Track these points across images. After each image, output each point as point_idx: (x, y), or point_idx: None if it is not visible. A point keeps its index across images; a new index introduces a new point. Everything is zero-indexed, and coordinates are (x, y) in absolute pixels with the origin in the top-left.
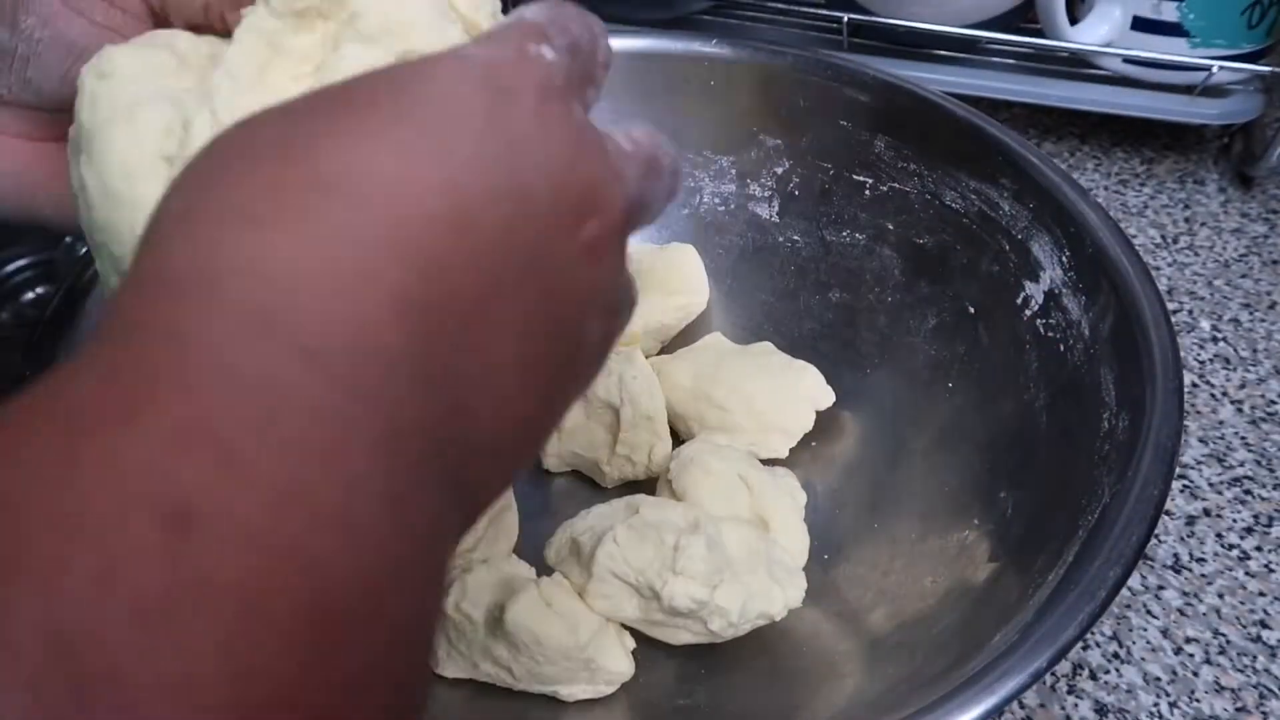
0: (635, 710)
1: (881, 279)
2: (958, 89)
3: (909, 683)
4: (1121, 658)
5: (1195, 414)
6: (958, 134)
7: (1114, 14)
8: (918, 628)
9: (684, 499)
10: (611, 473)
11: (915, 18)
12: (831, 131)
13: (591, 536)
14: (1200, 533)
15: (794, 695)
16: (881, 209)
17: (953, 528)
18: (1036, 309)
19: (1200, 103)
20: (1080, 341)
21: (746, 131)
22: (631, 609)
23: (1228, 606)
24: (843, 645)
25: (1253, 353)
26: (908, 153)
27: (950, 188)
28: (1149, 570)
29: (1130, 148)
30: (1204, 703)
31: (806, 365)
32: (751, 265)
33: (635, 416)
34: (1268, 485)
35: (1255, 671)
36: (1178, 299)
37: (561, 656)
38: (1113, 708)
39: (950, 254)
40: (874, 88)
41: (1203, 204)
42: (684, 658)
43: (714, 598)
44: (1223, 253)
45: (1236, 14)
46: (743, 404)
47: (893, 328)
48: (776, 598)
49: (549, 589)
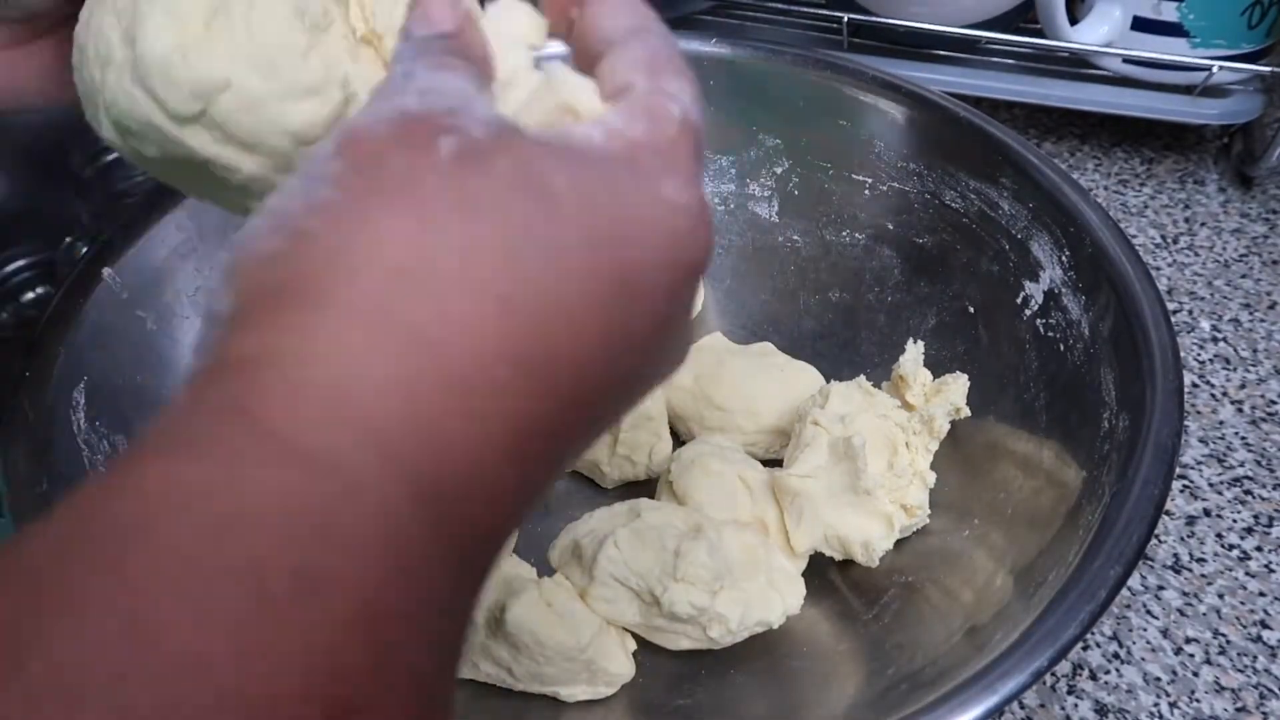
0: (635, 710)
1: (881, 279)
2: (958, 89)
3: (909, 682)
4: (1121, 658)
5: (1195, 414)
6: (957, 134)
7: (1114, 14)
8: (918, 628)
9: (685, 501)
10: (611, 473)
11: (915, 18)
12: (831, 131)
13: (593, 540)
14: (1200, 533)
15: (794, 696)
16: (881, 209)
17: (952, 527)
18: (1036, 309)
19: (1200, 103)
20: (1080, 341)
21: (746, 131)
22: (632, 613)
23: (1228, 606)
24: (843, 645)
25: (1253, 353)
26: (907, 152)
27: (950, 187)
28: (1149, 570)
29: (1130, 148)
30: (1204, 703)
31: (806, 365)
32: (751, 265)
33: (635, 416)
34: (1268, 485)
35: (1255, 671)
36: (1178, 299)
37: (562, 657)
38: (1113, 708)
39: (950, 254)
40: (873, 87)
41: (1203, 204)
42: (684, 658)
43: (714, 604)
44: (1223, 253)
45: (1236, 14)
46: (743, 404)
47: (892, 327)
48: (776, 605)
49: (550, 590)
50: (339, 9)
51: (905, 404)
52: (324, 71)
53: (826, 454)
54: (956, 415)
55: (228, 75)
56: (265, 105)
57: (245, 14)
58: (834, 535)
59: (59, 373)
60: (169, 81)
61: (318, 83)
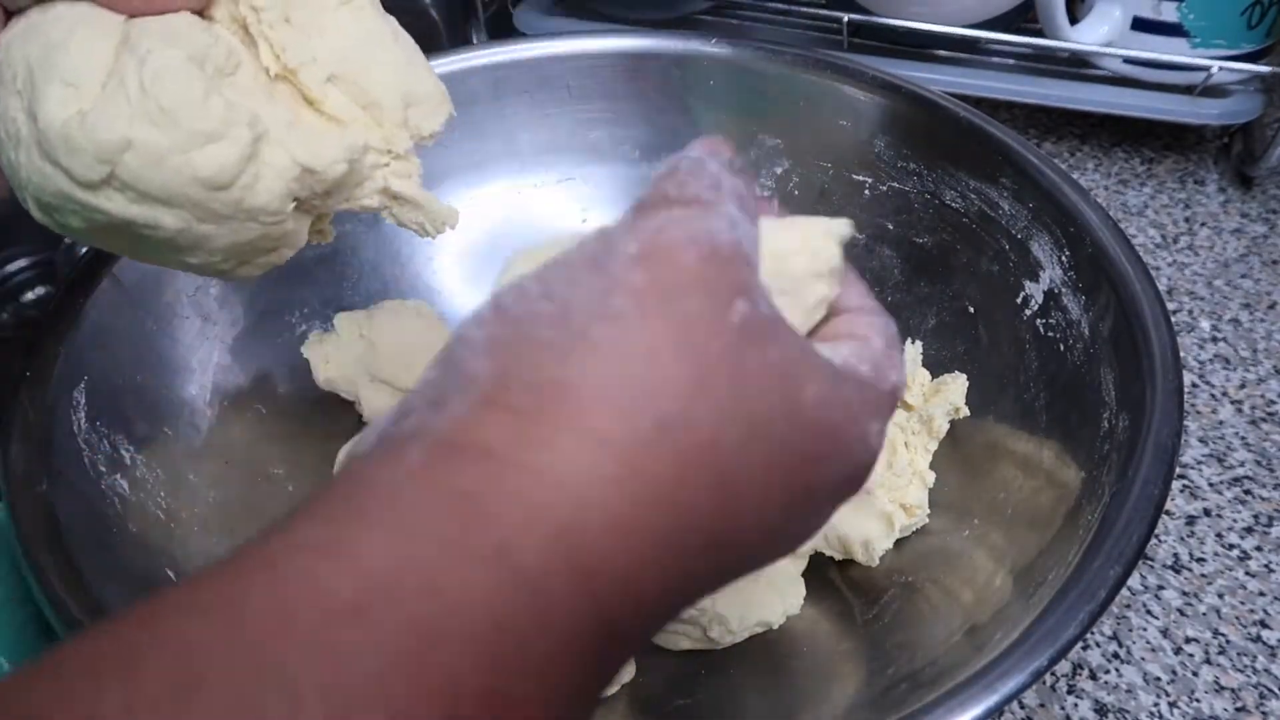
0: (635, 710)
1: (881, 278)
2: (958, 89)
3: (909, 682)
4: (1121, 658)
5: (1195, 414)
6: (957, 133)
7: (1114, 14)
8: (918, 627)
9: None
10: None
11: (915, 18)
12: (831, 131)
13: None
14: (1200, 533)
15: (794, 695)
16: (881, 208)
17: (952, 527)
18: (1036, 308)
19: (1200, 103)
20: (1080, 341)
21: (746, 131)
22: None
23: (1228, 606)
24: (843, 645)
25: (1253, 353)
26: (907, 152)
27: (950, 187)
28: (1149, 570)
29: (1130, 148)
30: (1204, 703)
31: None
32: None
33: None
34: (1268, 485)
35: (1255, 671)
36: (1178, 299)
37: None
38: (1113, 708)
39: (950, 253)
40: (873, 87)
41: (1203, 204)
42: (684, 658)
43: (714, 605)
44: (1223, 253)
45: (1236, 14)
46: None
47: None
48: (776, 606)
49: None
50: (248, 51)
51: (904, 404)
52: (226, 114)
53: None
54: (955, 415)
55: (127, 135)
56: (170, 157)
57: (138, 71)
58: (834, 534)
59: (59, 373)
60: (71, 150)
61: (220, 127)
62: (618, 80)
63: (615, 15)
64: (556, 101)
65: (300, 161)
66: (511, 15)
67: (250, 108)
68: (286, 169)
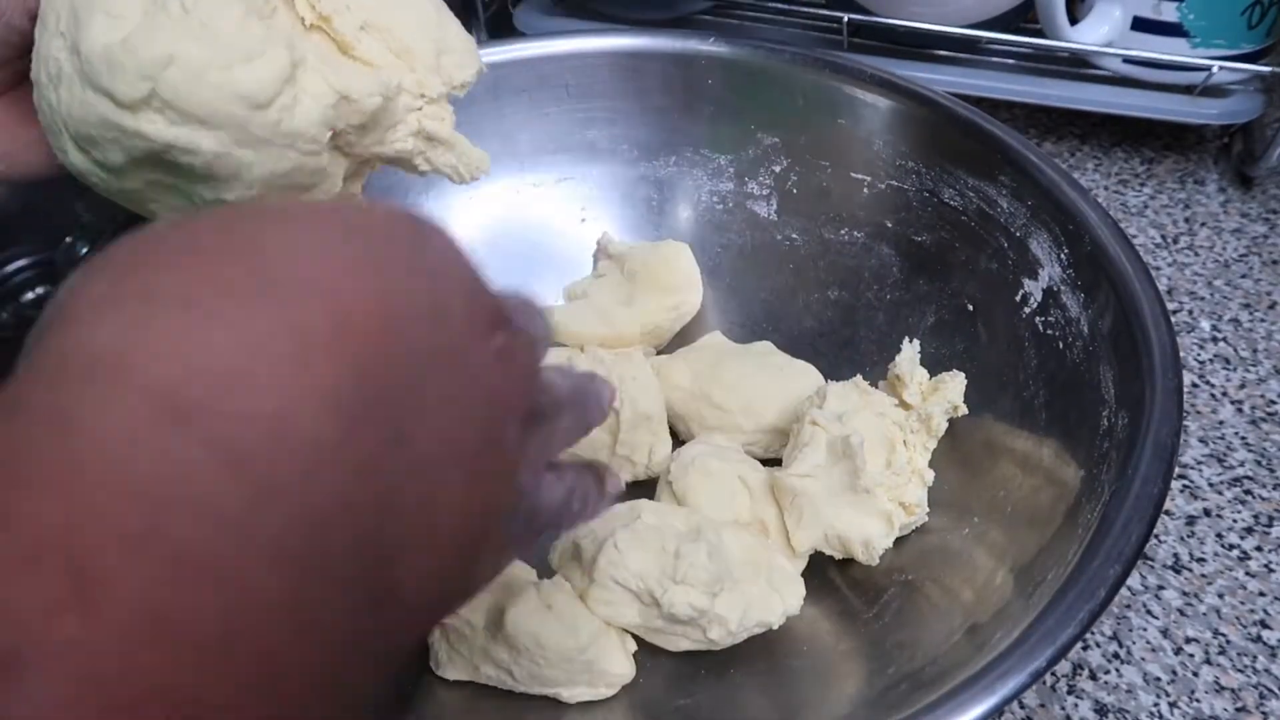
0: (636, 711)
1: (880, 277)
2: (958, 89)
3: (909, 682)
4: (1121, 658)
5: (1195, 414)
6: (956, 131)
7: (1114, 14)
8: (918, 626)
9: (684, 501)
10: None
11: (915, 18)
12: (830, 129)
13: (593, 541)
14: (1200, 533)
15: (794, 696)
16: (880, 207)
17: (952, 526)
18: (1035, 306)
19: (1200, 103)
20: (1079, 339)
21: (745, 130)
22: (632, 615)
23: (1228, 606)
24: (843, 645)
25: (1253, 353)
26: (905, 150)
27: (948, 185)
28: (1149, 570)
29: (1130, 148)
30: (1204, 703)
31: (807, 365)
32: (750, 264)
33: (634, 417)
34: (1268, 485)
35: (1255, 671)
36: (1178, 299)
37: (562, 659)
38: (1113, 708)
39: (949, 252)
40: (872, 85)
41: (1203, 204)
42: (684, 659)
43: (714, 606)
44: (1223, 253)
45: (1236, 14)
46: (742, 404)
47: (892, 326)
48: (775, 606)
49: (549, 591)
50: (283, 3)
51: (902, 403)
52: (265, 34)
53: (825, 453)
54: (954, 413)
55: (169, 50)
56: (210, 72)
57: (182, 1)
58: (834, 534)
59: None
60: (114, 70)
61: (260, 45)
62: (617, 80)
63: (615, 15)
64: (555, 101)
65: (337, 89)
66: (511, 15)
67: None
68: (324, 94)
